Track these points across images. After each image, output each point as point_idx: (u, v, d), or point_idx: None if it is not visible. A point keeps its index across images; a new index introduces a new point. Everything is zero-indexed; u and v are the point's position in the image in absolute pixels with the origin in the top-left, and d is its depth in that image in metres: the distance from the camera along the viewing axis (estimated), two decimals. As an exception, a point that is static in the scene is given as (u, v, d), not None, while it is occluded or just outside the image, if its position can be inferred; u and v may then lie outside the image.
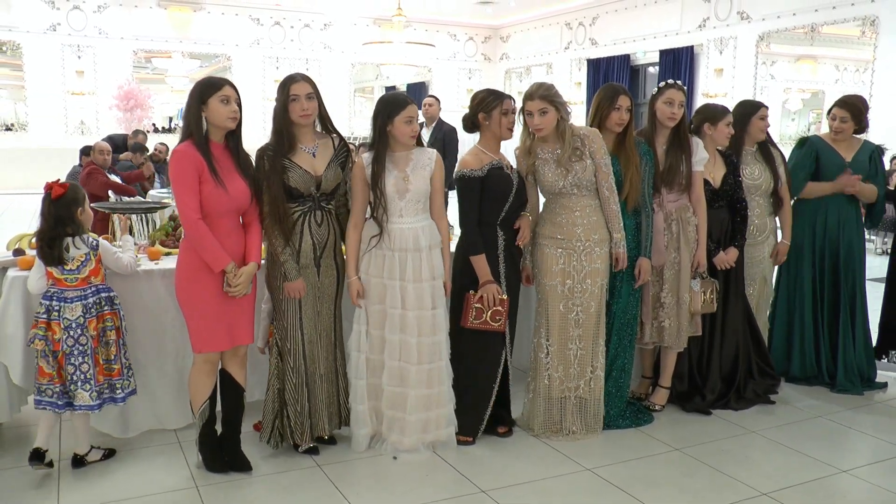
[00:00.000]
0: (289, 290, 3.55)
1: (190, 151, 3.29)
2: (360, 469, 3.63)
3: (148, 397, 3.87)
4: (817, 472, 3.66)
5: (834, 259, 4.81)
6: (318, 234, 3.60)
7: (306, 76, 3.59)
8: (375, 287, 3.71)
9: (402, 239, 3.67)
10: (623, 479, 3.55)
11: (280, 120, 3.54)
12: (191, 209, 3.26)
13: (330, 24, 18.16)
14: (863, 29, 11.74)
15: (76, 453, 3.56)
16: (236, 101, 3.36)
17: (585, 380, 3.95)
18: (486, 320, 3.77)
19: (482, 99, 3.84)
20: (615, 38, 16.53)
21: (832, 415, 4.39)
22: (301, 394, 3.63)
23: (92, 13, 16.23)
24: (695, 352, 4.47)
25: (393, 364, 3.71)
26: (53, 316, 3.38)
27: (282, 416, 3.65)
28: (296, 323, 3.60)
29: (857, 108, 4.79)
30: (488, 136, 3.87)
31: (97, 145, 7.88)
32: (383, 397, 3.74)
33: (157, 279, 3.86)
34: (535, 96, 3.82)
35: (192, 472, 3.53)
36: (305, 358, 3.63)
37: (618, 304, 4.08)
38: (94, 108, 16.32)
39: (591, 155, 3.84)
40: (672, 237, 4.22)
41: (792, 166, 4.84)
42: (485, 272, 3.77)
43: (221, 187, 3.30)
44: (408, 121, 3.63)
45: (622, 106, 4.01)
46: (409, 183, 3.67)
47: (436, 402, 3.76)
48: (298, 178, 3.52)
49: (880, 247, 10.10)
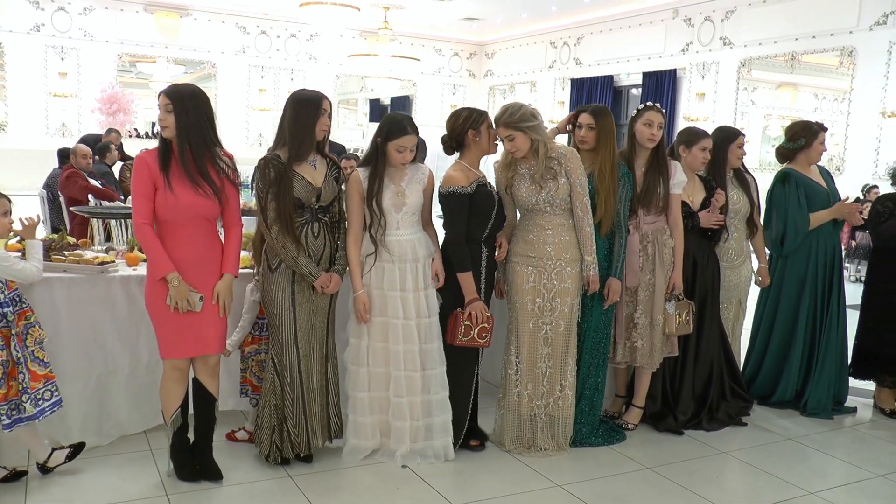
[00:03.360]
0: (321, 285, 3.58)
1: (147, 158, 3.32)
2: (331, 480, 3.62)
3: (122, 402, 3.86)
4: (786, 494, 3.70)
5: (824, 282, 4.83)
6: (314, 246, 3.62)
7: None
8: (376, 299, 3.74)
9: (400, 250, 3.73)
10: (593, 496, 3.57)
11: (305, 133, 3.55)
12: (137, 214, 3.29)
13: (316, 34, 18.20)
14: (841, 59, 11.96)
15: (38, 462, 3.49)
16: (165, 108, 3.29)
17: (554, 398, 3.96)
18: (474, 337, 3.79)
19: (468, 116, 3.85)
20: (599, 59, 16.70)
21: (803, 437, 4.44)
22: (298, 407, 3.64)
23: (77, 15, 16.14)
24: (668, 372, 4.50)
25: (399, 374, 3.74)
26: None
27: (280, 432, 3.65)
28: (291, 337, 3.60)
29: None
30: (474, 153, 3.89)
31: (79, 149, 7.81)
32: (390, 409, 3.77)
33: (133, 285, 3.84)
34: (499, 123, 3.86)
35: (163, 480, 3.50)
36: (301, 372, 3.64)
37: (589, 323, 4.11)
38: (76, 111, 16.21)
39: (567, 174, 3.86)
40: (648, 258, 4.27)
41: (791, 207, 4.76)
42: (471, 289, 3.79)
43: (172, 195, 3.28)
44: (399, 149, 3.68)
45: (582, 124, 4.08)
46: (406, 197, 3.73)
47: (437, 407, 3.79)
48: (303, 189, 3.55)
49: (854, 274, 10.25)
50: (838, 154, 11.85)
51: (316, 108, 3.56)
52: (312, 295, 3.64)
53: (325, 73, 18.53)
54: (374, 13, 15.69)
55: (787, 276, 4.87)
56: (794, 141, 4.85)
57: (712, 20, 14.07)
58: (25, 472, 3.49)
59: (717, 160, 4.64)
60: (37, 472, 3.49)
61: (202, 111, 3.35)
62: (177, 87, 3.39)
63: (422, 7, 16.25)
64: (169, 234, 3.32)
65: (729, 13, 13.74)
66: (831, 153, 11.77)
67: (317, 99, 3.59)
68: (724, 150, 4.67)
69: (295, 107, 3.58)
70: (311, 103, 3.58)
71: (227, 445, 3.83)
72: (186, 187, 3.30)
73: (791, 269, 4.86)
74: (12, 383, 3.29)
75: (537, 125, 3.85)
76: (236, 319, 3.88)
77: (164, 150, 3.33)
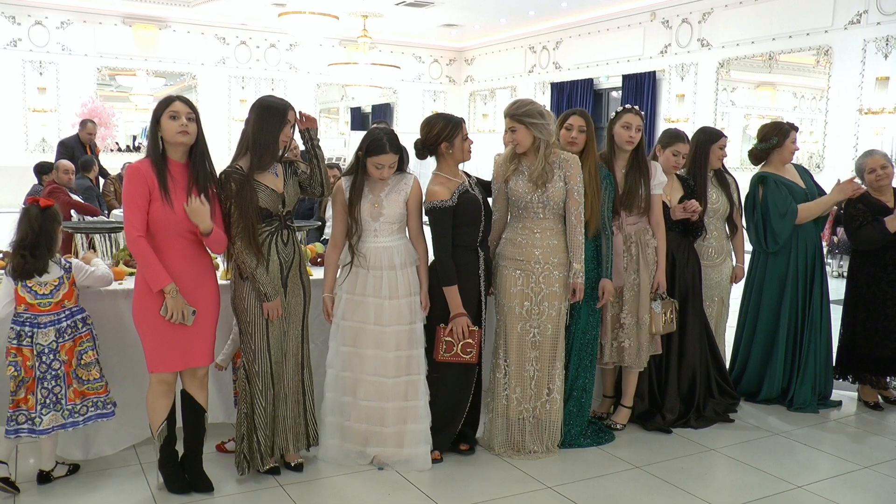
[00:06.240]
0: (269, 310, 3.54)
1: (143, 169, 3.29)
2: (322, 489, 3.62)
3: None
4: (774, 488, 3.73)
5: (805, 280, 4.87)
6: (284, 253, 3.62)
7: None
8: (347, 304, 3.77)
9: (376, 257, 3.76)
10: (584, 497, 3.59)
11: (269, 141, 3.52)
12: (132, 226, 3.24)
13: (295, 44, 18.20)
14: (818, 58, 12.10)
15: (41, 470, 3.53)
16: (187, 116, 3.31)
17: (542, 401, 3.98)
18: (457, 352, 3.80)
19: (442, 129, 3.85)
20: (579, 63, 16.78)
21: (789, 432, 4.48)
22: (269, 415, 3.63)
23: (55, 29, 16.04)
24: (654, 371, 4.53)
25: (368, 379, 3.76)
26: (25, 342, 3.34)
27: (250, 441, 3.62)
28: (263, 345, 3.59)
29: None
30: (449, 162, 3.91)
31: (61, 164, 7.78)
32: (358, 413, 3.78)
33: (120, 299, 3.83)
34: (506, 115, 3.92)
35: (154, 494, 3.49)
36: (273, 379, 3.63)
37: (577, 325, 4.13)
38: (55, 126, 16.09)
39: (566, 180, 3.89)
40: (632, 259, 4.30)
41: (778, 204, 4.76)
42: (456, 304, 3.79)
43: (169, 207, 3.26)
44: (377, 166, 3.72)
45: (573, 125, 4.09)
46: (382, 208, 3.76)
47: (412, 415, 3.80)
48: (267, 198, 3.54)
49: (836, 269, 10.34)
50: (818, 151, 11.98)
51: (281, 115, 3.53)
52: (284, 302, 3.63)
53: (305, 83, 18.52)
54: (354, 21, 15.71)
55: (769, 274, 4.91)
56: (765, 141, 4.91)
57: (690, 22, 14.19)
58: (78, 467, 3.67)
59: (698, 160, 4.69)
60: (29, 489, 3.48)
61: (201, 125, 3.42)
62: (185, 97, 3.42)
63: (400, 15, 16.28)
64: (162, 246, 3.30)
65: (706, 15, 13.86)
66: (810, 150, 11.90)
67: (282, 107, 3.56)
68: (705, 150, 4.71)
69: (259, 113, 3.54)
70: (276, 110, 3.54)
71: (217, 457, 3.82)
72: (183, 199, 3.29)
73: (772, 267, 4.90)
74: (29, 396, 3.35)
75: (542, 124, 3.87)
76: (226, 332, 3.87)
77: (160, 160, 3.31)
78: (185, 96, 3.48)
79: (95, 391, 3.51)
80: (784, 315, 4.87)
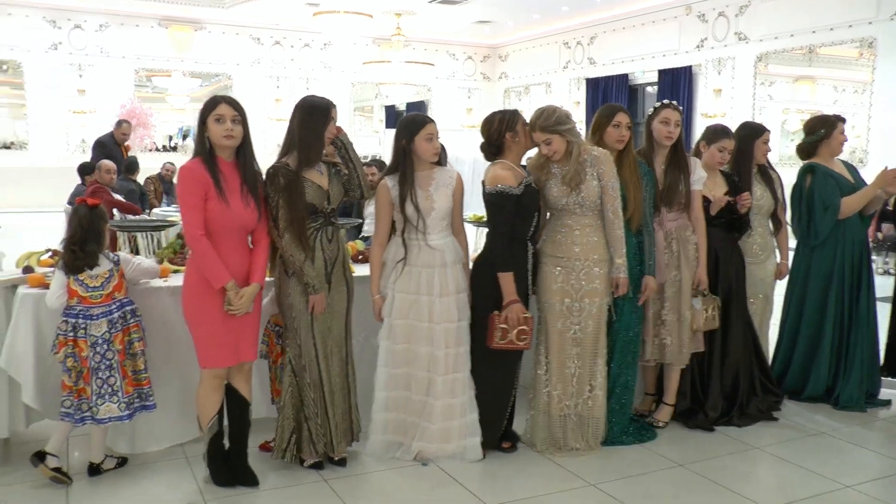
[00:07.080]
0: (314, 302, 3.58)
1: (196, 168, 3.36)
2: (366, 483, 3.65)
3: (155, 413, 3.88)
4: (820, 488, 3.67)
5: (851, 278, 4.79)
6: (328, 250, 3.65)
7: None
8: (402, 302, 3.79)
9: (429, 256, 3.77)
10: (626, 494, 3.57)
11: (315, 138, 3.58)
12: (193, 225, 3.33)
13: (329, 43, 18.29)
14: (861, 50, 11.86)
15: (92, 462, 3.62)
16: (232, 119, 3.38)
17: (584, 398, 3.96)
18: (512, 339, 3.78)
19: (500, 120, 3.88)
20: (613, 58, 16.66)
21: (835, 431, 4.41)
22: (320, 407, 3.67)
23: (94, 32, 16.31)
24: (696, 368, 4.49)
25: (421, 375, 3.79)
26: (80, 333, 3.44)
27: (300, 431, 3.67)
28: (309, 339, 3.63)
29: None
30: (516, 152, 3.91)
31: (103, 164, 7.91)
32: (407, 406, 3.82)
33: (165, 296, 3.88)
34: (535, 128, 3.88)
35: (200, 487, 3.55)
36: (321, 373, 3.66)
37: (620, 321, 4.10)
38: (95, 127, 16.33)
39: (600, 177, 3.86)
40: (672, 256, 4.27)
41: (823, 197, 4.70)
42: (510, 290, 3.78)
43: (225, 204, 3.35)
44: (428, 138, 3.76)
45: (621, 123, 4.06)
46: (434, 202, 3.77)
47: (459, 411, 3.82)
48: (314, 194, 3.58)
49: (881, 266, 10.15)
50: (861, 146, 11.75)
51: (325, 114, 3.61)
52: (328, 298, 3.67)
53: (339, 82, 18.61)
54: (387, 20, 15.74)
55: (814, 270, 4.83)
56: (813, 133, 4.83)
57: (726, 15, 14.01)
58: (126, 460, 3.76)
59: (742, 156, 4.63)
60: (79, 480, 3.57)
61: (247, 124, 3.48)
62: (233, 98, 3.48)
63: (434, 12, 16.30)
64: (217, 243, 3.38)
65: (743, 8, 13.67)
66: (854, 145, 11.66)
67: (325, 105, 3.64)
68: (749, 145, 4.66)
69: (304, 113, 3.61)
70: (319, 109, 3.62)
71: (261, 454, 3.86)
72: (237, 198, 3.38)
73: (817, 263, 4.82)
74: (86, 387, 3.45)
75: (572, 127, 3.88)
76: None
77: (211, 161, 3.38)
78: (231, 96, 3.53)
79: (139, 382, 3.58)
80: (829, 312, 4.78)
